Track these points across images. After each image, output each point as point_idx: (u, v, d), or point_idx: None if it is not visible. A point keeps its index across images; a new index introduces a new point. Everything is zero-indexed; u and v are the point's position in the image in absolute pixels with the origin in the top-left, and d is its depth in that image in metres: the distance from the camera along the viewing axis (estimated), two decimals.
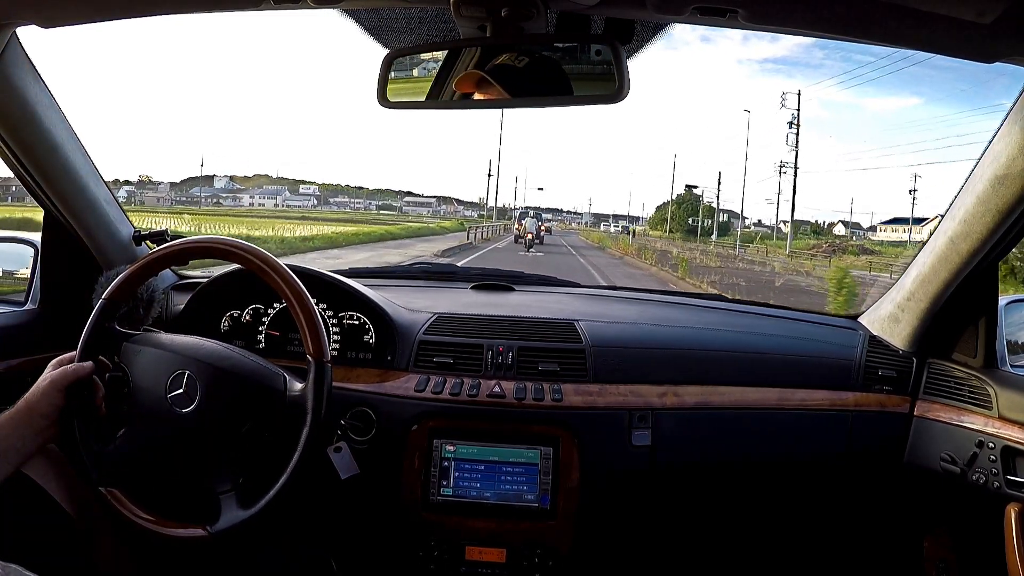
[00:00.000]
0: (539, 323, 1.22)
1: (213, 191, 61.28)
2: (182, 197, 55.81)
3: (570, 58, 0.79)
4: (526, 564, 1.07)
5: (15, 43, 0.95)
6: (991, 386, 1.07)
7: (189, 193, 58.31)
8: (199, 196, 57.80)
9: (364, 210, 63.14)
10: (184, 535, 0.86)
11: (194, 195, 57.99)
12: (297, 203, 60.54)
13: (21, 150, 1.04)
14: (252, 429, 0.89)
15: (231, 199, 59.32)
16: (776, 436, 1.16)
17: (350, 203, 67.85)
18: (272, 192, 62.67)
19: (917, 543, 1.27)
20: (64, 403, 0.87)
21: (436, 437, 1.09)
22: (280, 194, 62.26)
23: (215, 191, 61.32)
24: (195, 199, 56.45)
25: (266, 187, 63.58)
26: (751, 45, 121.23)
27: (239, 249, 0.93)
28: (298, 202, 61.83)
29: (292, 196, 61.85)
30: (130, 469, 0.91)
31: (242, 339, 1.20)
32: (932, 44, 0.77)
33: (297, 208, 56.09)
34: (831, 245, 33.21)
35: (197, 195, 58.00)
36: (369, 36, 0.95)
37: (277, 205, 58.31)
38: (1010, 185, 0.92)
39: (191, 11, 0.89)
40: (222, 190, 61.73)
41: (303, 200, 63.04)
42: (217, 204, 56.17)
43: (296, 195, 63.97)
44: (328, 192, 67.99)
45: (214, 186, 62.04)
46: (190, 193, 58.29)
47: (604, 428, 1.10)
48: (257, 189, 62.53)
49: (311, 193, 65.17)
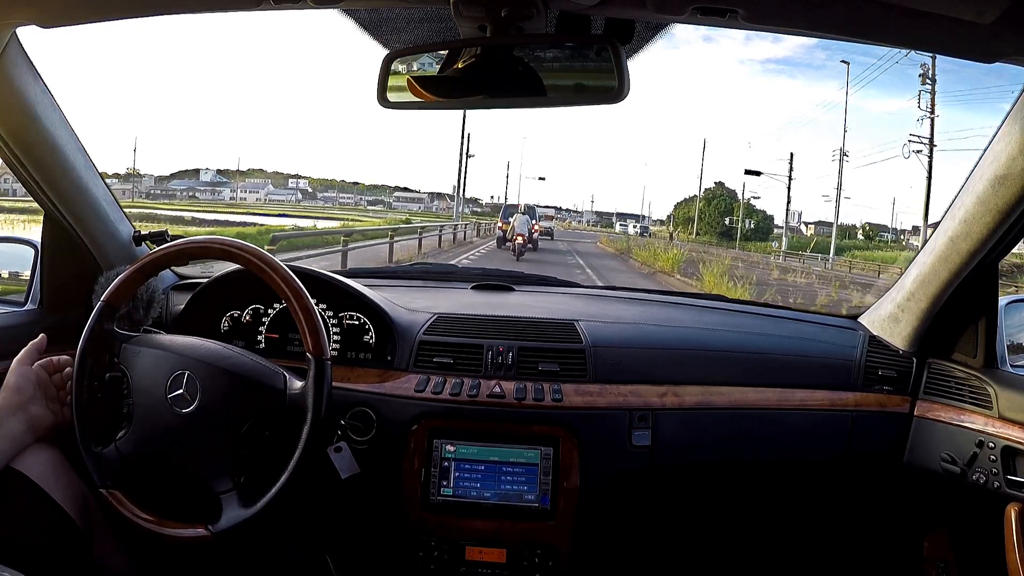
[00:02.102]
0: (539, 323, 1.22)
1: (189, 184, 60.23)
2: (157, 191, 55.04)
3: (570, 58, 0.79)
4: (526, 564, 1.07)
5: (15, 43, 0.95)
6: (991, 386, 1.07)
7: (166, 187, 57.60)
8: (175, 190, 57.04)
9: (355, 205, 61.97)
10: (185, 535, 0.86)
11: (170, 188, 57.23)
12: (281, 197, 59.43)
13: (21, 150, 1.04)
14: (252, 429, 0.89)
15: (209, 192, 58.24)
16: (776, 436, 1.16)
17: (338, 198, 66.61)
18: (255, 186, 61.23)
19: (917, 543, 1.27)
20: (35, 375, 0.91)
21: (436, 437, 1.09)
22: (263, 188, 60.95)
23: (191, 184, 60.27)
24: (170, 192, 55.64)
25: (249, 181, 62.43)
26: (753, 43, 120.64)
27: (239, 249, 0.93)
28: (282, 196, 60.57)
29: (277, 190, 60.63)
30: (130, 470, 0.91)
31: (242, 339, 1.20)
32: (932, 44, 0.77)
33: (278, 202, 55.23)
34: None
35: (173, 189, 57.23)
36: (369, 36, 0.95)
37: (259, 199, 57.29)
38: (1010, 185, 0.92)
39: (191, 11, 0.89)
40: (200, 183, 60.74)
41: (289, 194, 61.71)
42: (193, 198, 55.25)
43: (283, 189, 62.71)
44: (318, 187, 66.79)
45: (199, 179, 61.18)
46: (167, 187, 57.57)
47: (604, 428, 1.10)
48: (239, 183, 61.49)
49: (297, 188, 63.93)
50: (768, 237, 39.19)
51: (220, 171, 62.65)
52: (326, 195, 64.45)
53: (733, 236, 38.03)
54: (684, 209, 47.04)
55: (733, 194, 41.57)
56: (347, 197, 68.21)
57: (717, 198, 41.81)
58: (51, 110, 1.05)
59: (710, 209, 41.54)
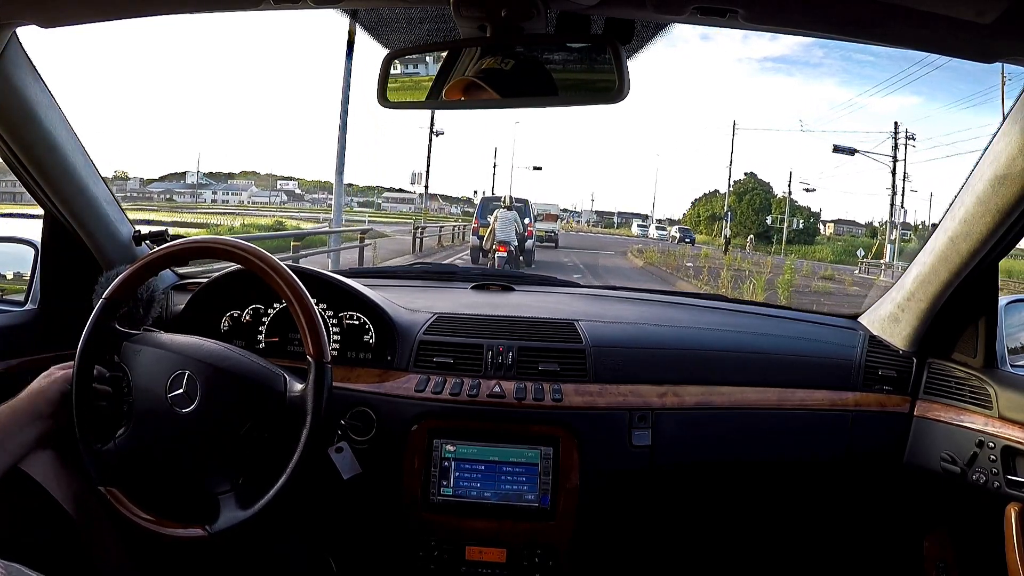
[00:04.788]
0: (539, 323, 1.22)
1: (167, 187, 59.84)
2: (135, 194, 54.76)
3: (570, 58, 0.79)
4: (526, 564, 1.07)
5: (15, 43, 0.95)
6: (991, 386, 1.07)
7: (145, 190, 57.33)
8: (152, 192, 56.81)
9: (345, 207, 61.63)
10: (183, 535, 0.86)
11: (148, 191, 56.94)
12: (264, 199, 58.55)
13: (21, 150, 1.04)
14: (252, 429, 0.89)
15: (189, 195, 57.75)
16: (776, 436, 1.17)
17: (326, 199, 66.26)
18: (237, 188, 60.75)
19: (917, 543, 1.27)
20: (68, 387, 0.89)
21: (436, 437, 1.09)
22: (247, 190, 60.35)
23: (170, 187, 59.80)
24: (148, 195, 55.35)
25: (231, 183, 62.02)
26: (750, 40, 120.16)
27: (239, 249, 0.93)
28: (265, 198, 59.75)
29: (260, 192, 60.03)
30: (129, 468, 0.91)
31: (242, 339, 1.20)
32: (932, 44, 0.77)
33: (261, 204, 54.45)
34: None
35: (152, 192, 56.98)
36: (369, 35, 0.95)
37: (242, 201, 56.71)
38: (1010, 185, 0.92)
39: (191, 11, 0.89)
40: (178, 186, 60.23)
41: (273, 196, 60.97)
42: (171, 200, 54.96)
43: (267, 191, 61.96)
44: (307, 188, 66.29)
45: (185, 182, 60.94)
46: (146, 190, 57.30)
47: (604, 428, 1.10)
48: (222, 185, 60.99)
49: (283, 190, 63.30)
50: (814, 239, 32.82)
51: (208, 174, 62.48)
52: (314, 197, 64.06)
53: (772, 238, 30.23)
54: (706, 206, 38.45)
55: (768, 188, 33.64)
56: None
57: (750, 192, 33.34)
58: (51, 110, 1.05)
59: (742, 205, 33.07)
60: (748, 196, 33.72)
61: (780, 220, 30.72)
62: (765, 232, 31.01)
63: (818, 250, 28.62)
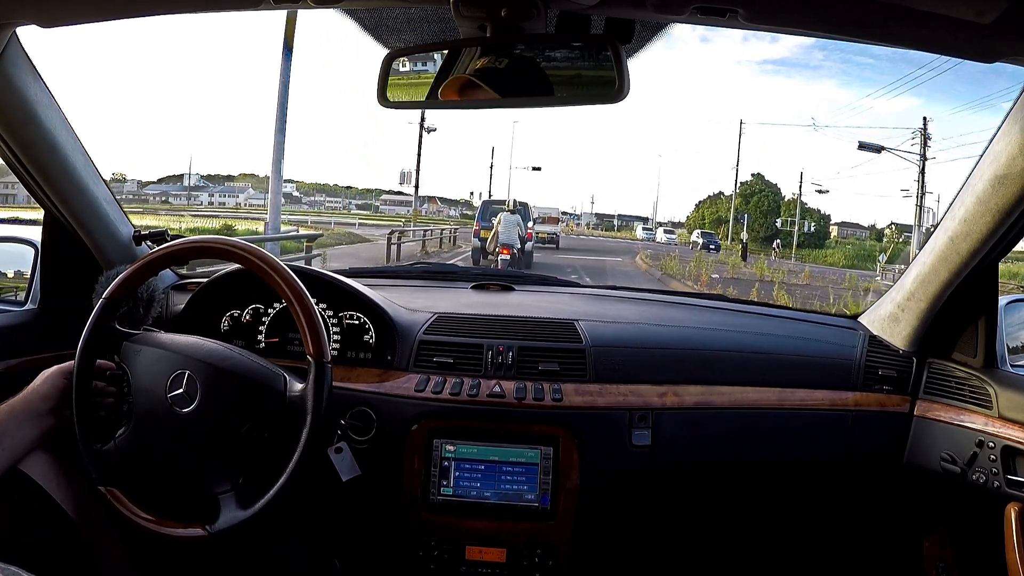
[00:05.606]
0: (539, 323, 1.22)
1: (163, 189, 59.64)
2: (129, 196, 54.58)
3: (570, 58, 0.79)
4: (526, 564, 1.07)
5: (15, 43, 0.95)
6: (991, 386, 1.07)
7: (140, 193, 57.25)
8: (148, 195, 56.72)
9: (343, 209, 61.21)
10: (183, 535, 0.86)
11: (143, 194, 56.81)
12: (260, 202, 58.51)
13: (21, 150, 1.04)
14: (252, 429, 0.89)
15: (185, 198, 57.67)
16: (776, 436, 1.17)
17: (325, 202, 65.55)
18: (234, 190, 60.57)
19: (917, 543, 1.27)
20: (66, 386, 0.89)
21: (436, 437, 1.09)
22: (244, 192, 60.15)
23: (165, 189, 59.60)
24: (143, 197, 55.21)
25: (227, 185, 61.79)
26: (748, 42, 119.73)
27: (239, 249, 0.93)
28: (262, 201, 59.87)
29: (257, 194, 59.67)
30: (129, 468, 0.91)
31: (242, 339, 1.20)
32: (932, 44, 0.77)
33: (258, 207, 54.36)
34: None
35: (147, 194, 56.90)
36: (369, 36, 0.95)
37: (239, 204, 56.52)
38: (1010, 185, 0.92)
39: (191, 11, 0.89)
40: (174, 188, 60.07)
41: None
42: (166, 202, 54.88)
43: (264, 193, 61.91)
44: (305, 191, 65.98)
45: (182, 184, 60.85)
46: (141, 193, 57.18)
47: (604, 428, 1.10)
48: (219, 187, 60.95)
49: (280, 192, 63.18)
50: (824, 243, 31.78)
51: (207, 176, 62.36)
52: (312, 199, 63.78)
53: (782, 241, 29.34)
54: (711, 208, 37.20)
55: (776, 189, 32.83)
56: (334, 201, 66.69)
57: (758, 194, 32.37)
58: (51, 110, 1.05)
59: (749, 208, 31.60)
60: (756, 198, 32.95)
61: (790, 223, 30.07)
62: (774, 235, 30.41)
63: (830, 254, 27.74)
